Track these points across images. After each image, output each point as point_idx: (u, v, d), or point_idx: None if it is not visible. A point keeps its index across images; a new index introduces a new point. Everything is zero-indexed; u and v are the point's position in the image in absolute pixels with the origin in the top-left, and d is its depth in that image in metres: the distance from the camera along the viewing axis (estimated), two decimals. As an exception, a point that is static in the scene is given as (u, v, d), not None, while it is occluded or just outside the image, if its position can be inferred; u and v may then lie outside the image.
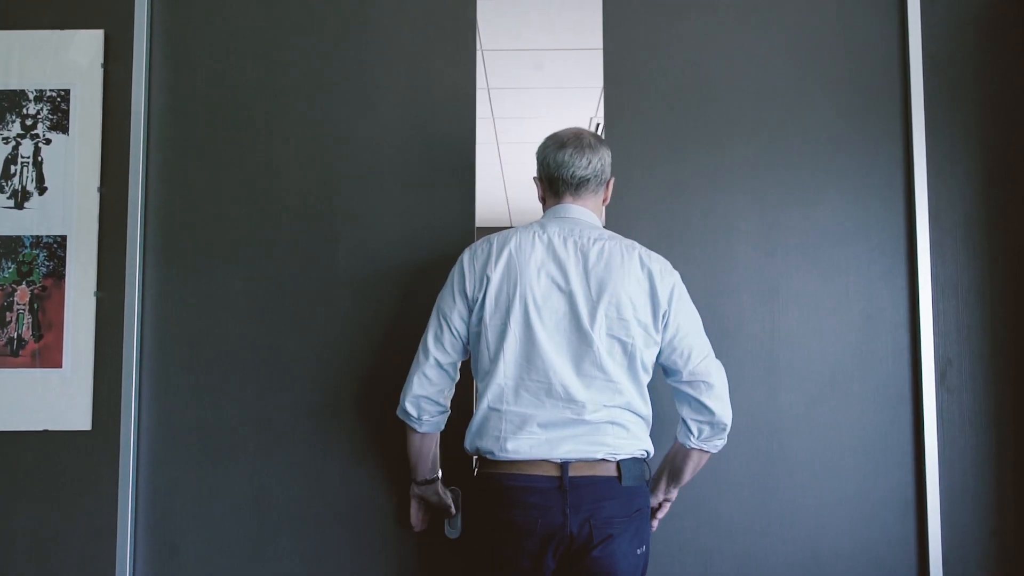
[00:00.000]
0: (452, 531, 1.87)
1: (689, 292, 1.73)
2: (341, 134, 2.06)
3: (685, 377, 1.67)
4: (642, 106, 2.08)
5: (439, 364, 1.69)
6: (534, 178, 1.83)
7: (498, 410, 1.62)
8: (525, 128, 4.92)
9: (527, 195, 7.17)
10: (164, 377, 1.99)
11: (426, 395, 1.68)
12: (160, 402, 1.98)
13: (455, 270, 1.71)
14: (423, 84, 2.09)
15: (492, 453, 1.62)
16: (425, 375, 1.68)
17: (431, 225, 2.06)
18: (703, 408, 1.67)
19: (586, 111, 4.52)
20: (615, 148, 1.97)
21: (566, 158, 1.72)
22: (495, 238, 1.70)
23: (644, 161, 2.06)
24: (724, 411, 1.68)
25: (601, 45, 2.15)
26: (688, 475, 1.77)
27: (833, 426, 1.99)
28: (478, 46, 2.28)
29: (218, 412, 1.98)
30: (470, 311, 1.67)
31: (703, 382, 1.67)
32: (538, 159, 1.80)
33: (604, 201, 1.81)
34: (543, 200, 1.81)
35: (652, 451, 1.69)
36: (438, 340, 1.69)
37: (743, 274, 2.03)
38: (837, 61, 2.07)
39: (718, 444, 1.72)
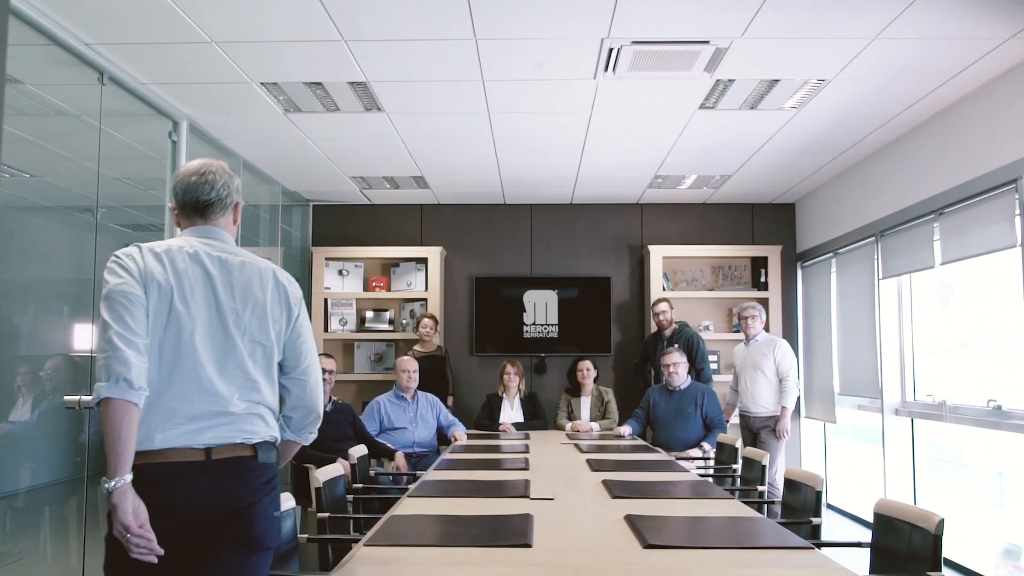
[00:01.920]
0: None
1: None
2: None
3: (296, 375, 2.03)
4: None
5: (142, 345, 1.78)
6: (169, 207, 2.13)
7: (149, 404, 1.79)
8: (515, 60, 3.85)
9: (519, 162, 5.42)
10: None
11: (139, 364, 1.74)
12: None
13: (119, 268, 1.83)
14: None
15: (140, 444, 1.77)
16: (136, 347, 1.76)
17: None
18: (303, 402, 2.06)
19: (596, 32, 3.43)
20: None
21: (192, 184, 1.99)
22: (145, 248, 1.88)
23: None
24: (318, 405, 2.08)
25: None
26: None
27: None
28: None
29: None
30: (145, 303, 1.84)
31: (307, 381, 2.05)
32: (171, 189, 2.03)
33: (234, 222, 2.06)
34: (179, 224, 2.03)
35: (279, 437, 2.02)
36: (136, 320, 1.79)
37: None
38: None
39: (309, 437, 2.11)
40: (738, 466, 4.49)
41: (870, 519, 2.39)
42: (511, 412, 5.92)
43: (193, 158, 4.92)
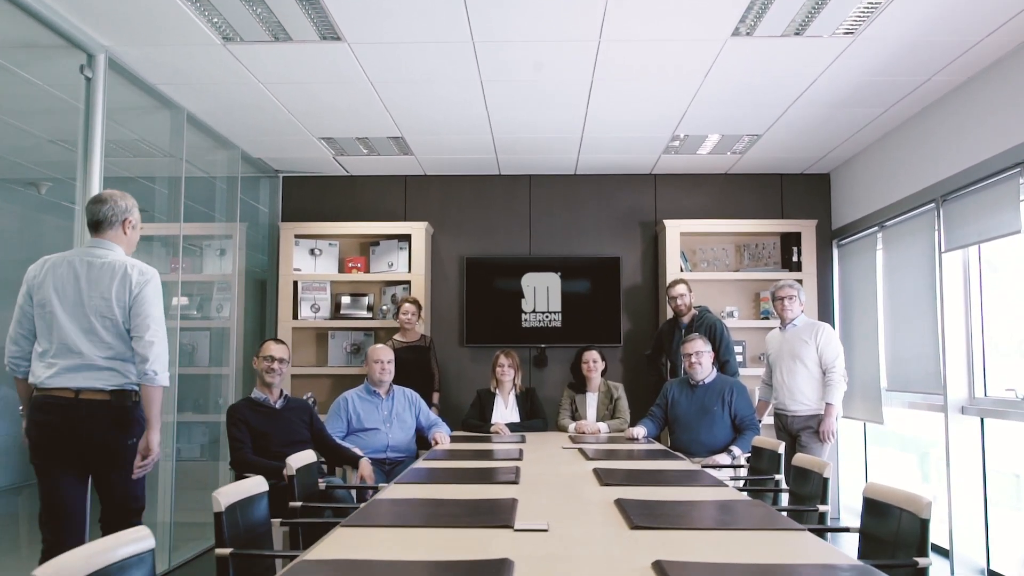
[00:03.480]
0: None
1: None
2: None
3: (135, 336, 2.87)
4: None
5: (26, 336, 2.91)
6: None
7: (42, 360, 2.86)
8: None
9: (513, 115, 3.85)
10: None
11: (21, 355, 2.93)
12: None
13: (25, 278, 2.93)
14: None
15: (36, 384, 2.85)
16: (17, 343, 2.93)
17: None
18: (138, 353, 2.87)
19: None
20: None
21: (89, 208, 2.98)
22: (46, 259, 2.93)
23: None
24: (148, 355, 2.86)
25: None
26: (148, 412, 2.91)
27: None
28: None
29: None
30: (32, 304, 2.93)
31: (145, 339, 2.86)
32: None
33: (125, 233, 3.01)
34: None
35: (139, 384, 2.93)
36: (20, 323, 2.92)
37: None
38: None
39: (154, 379, 2.88)
40: (780, 477, 3.63)
41: (942, 543, 1.55)
42: (505, 411, 5.06)
43: (116, 101, 4.10)
